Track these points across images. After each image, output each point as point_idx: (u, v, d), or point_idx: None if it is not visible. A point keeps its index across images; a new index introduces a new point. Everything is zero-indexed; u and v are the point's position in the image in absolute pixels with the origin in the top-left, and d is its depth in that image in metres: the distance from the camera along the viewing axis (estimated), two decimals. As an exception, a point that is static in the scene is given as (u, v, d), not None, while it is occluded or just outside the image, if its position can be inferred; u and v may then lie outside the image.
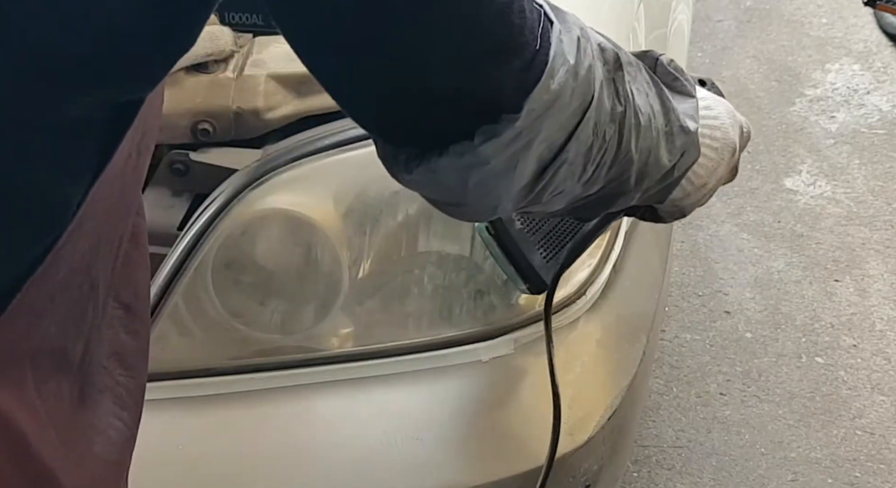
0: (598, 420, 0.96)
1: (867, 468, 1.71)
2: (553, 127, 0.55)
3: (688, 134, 0.67)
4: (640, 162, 0.64)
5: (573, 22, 0.57)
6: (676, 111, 0.67)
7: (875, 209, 2.26)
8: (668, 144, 0.66)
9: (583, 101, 0.56)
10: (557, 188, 0.59)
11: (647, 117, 0.63)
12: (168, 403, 0.92)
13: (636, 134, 0.62)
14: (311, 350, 0.94)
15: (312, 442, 0.93)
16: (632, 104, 0.61)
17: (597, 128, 0.58)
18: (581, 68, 0.55)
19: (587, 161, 0.59)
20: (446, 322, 0.95)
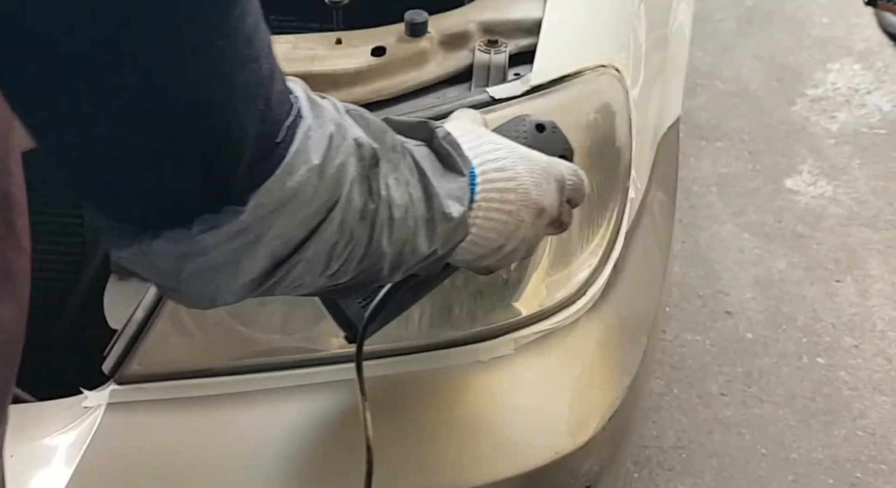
0: (598, 421, 0.96)
1: (868, 469, 1.71)
2: (290, 224, 0.52)
3: (450, 220, 0.65)
4: (394, 253, 0.62)
5: (330, 118, 0.54)
6: (439, 197, 0.65)
7: (876, 209, 2.26)
8: (428, 232, 0.64)
9: (328, 200, 0.54)
10: (294, 282, 0.56)
11: (403, 209, 0.61)
12: (168, 403, 0.92)
13: (389, 228, 0.60)
14: (311, 350, 0.94)
15: (312, 443, 0.92)
16: (386, 200, 0.59)
17: (343, 226, 0.56)
18: (329, 167, 0.53)
19: (330, 258, 0.57)
20: (446, 322, 0.95)
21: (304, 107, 0.53)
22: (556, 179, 0.76)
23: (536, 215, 0.74)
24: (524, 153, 0.75)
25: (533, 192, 0.73)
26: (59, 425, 0.93)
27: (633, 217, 1.08)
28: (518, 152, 0.74)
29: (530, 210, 0.73)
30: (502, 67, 1.01)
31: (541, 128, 0.82)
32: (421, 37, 1.02)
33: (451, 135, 0.69)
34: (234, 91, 0.47)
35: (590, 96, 1.01)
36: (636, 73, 1.11)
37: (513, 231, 0.73)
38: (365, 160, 0.57)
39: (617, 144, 1.04)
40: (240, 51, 0.47)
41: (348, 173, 0.55)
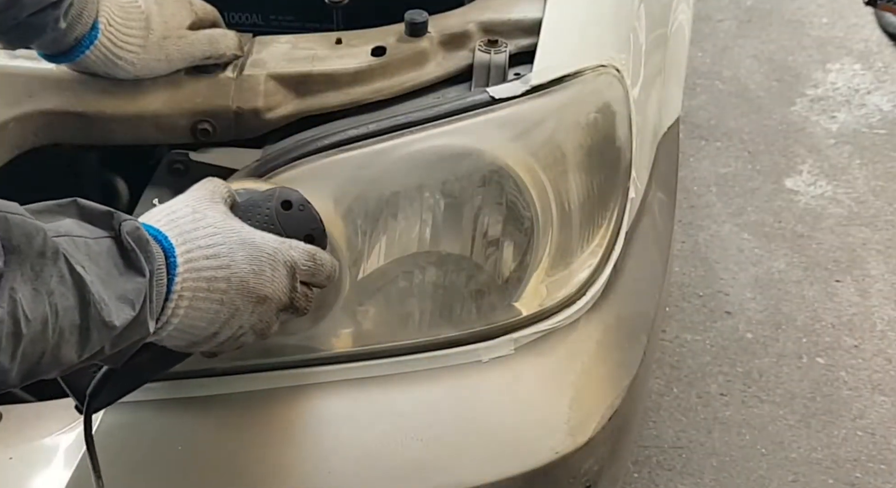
0: (598, 420, 0.96)
1: (868, 468, 1.71)
2: None
3: (111, 328, 0.63)
4: (25, 365, 0.59)
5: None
6: (100, 304, 0.62)
7: (876, 209, 2.26)
8: (80, 339, 0.62)
9: None
10: None
11: (39, 322, 0.58)
12: (168, 403, 0.92)
13: (13, 344, 0.57)
14: (311, 350, 0.94)
15: (312, 442, 0.92)
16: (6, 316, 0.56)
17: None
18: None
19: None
20: (446, 322, 0.95)
21: None
22: (287, 265, 0.74)
23: (256, 303, 0.72)
24: (246, 239, 0.73)
25: (251, 280, 0.71)
26: (59, 425, 0.93)
27: (633, 217, 1.08)
28: (238, 237, 0.72)
29: (246, 298, 0.72)
30: (502, 67, 1.01)
31: (287, 205, 0.80)
32: (421, 37, 1.02)
33: (140, 230, 0.67)
34: None
35: (590, 96, 1.01)
36: (636, 73, 1.11)
37: (227, 319, 0.71)
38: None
39: (617, 144, 1.04)
40: None
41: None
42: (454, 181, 0.94)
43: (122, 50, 0.95)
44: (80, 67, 0.97)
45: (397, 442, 0.92)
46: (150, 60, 0.96)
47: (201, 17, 1.02)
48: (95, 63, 0.95)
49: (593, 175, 1.00)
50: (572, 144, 0.99)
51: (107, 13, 0.94)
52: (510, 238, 0.96)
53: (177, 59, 0.98)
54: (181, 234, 0.70)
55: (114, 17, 0.94)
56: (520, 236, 0.96)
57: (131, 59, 0.96)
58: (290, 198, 0.81)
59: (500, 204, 0.95)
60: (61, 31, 0.90)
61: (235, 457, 0.92)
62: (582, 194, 0.99)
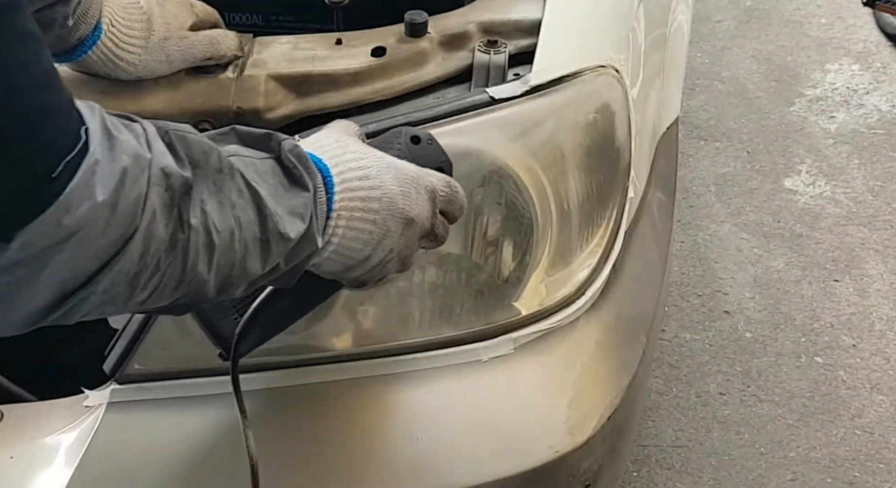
0: (597, 419, 0.96)
1: (866, 467, 1.71)
2: (76, 259, 0.51)
3: (287, 240, 0.64)
4: (219, 277, 0.61)
5: (126, 149, 0.53)
6: (276, 216, 0.63)
7: (874, 209, 2.26)
8: (262, 252, 0.63)
9: (123, 234, 0.52)
10: (93, 312, 0.55)
11: (227, 234, 0.60)
12: (168, 402, 0.93)
13: (208, 254, 0.59)
14: (311, 350, 0.94)
15: (312, 442, 0.93)
16: (201, 227, 0.58)
17: (145, 257, 0.54)
18: (122, 201, 0.51)
19: (134, 288, 0.55)
20: (446, 322, 0.95)
21: (95, 140, 0.51)
22: (427, 190, 0.75)
23: (405, 225, 0.73)
24: (391, 162, 0.74)
25: (400, 201, 0.72)
26: (60, 424, 0.93)
27: (633, 217, 1.08)
28: (384, 161, 0.73)
29: (397, 219, 0.72)
30: (502, 67, 1.01)
31: (416, 139, 0.81)
32: (421, 37, 1.02)
33: (299, 147, 0.68)
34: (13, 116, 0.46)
35: (589, 96, 1.02)
36: (635, 74, 1.11)
37: (379, 240, 0.72)
38: (173, 189, 0.55)
39: (616, 144, 1.04)
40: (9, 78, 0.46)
41: (149, 205, 0.53)
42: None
43: (124, 50, 0.95)
44: (82, 68, 0.97)
45: (397, 442, 0.92)
46: (151, 61, 0.97)
47: (202, 18, 1.02)
48: (97, 63, 0.96)
49: (592, 175, 1.00)
50: (571, 144, 0.99)
51: (110, 13, 0.94)
52: (510, 237, 0.96)
53: (178, 59, 0.98)
54: (332, 158, 0.71)
55: (116, 18, 0.94)
56: (519, 236, 0.96)
57: (132, 60, 0.96)
58: (417, 133, 0.82)
59: (500, 203, 0.95)
60: (67, 29, 0.91)
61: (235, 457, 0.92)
62: (581, 194, 0.99)
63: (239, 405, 0.78)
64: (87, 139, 0.51)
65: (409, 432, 0.92)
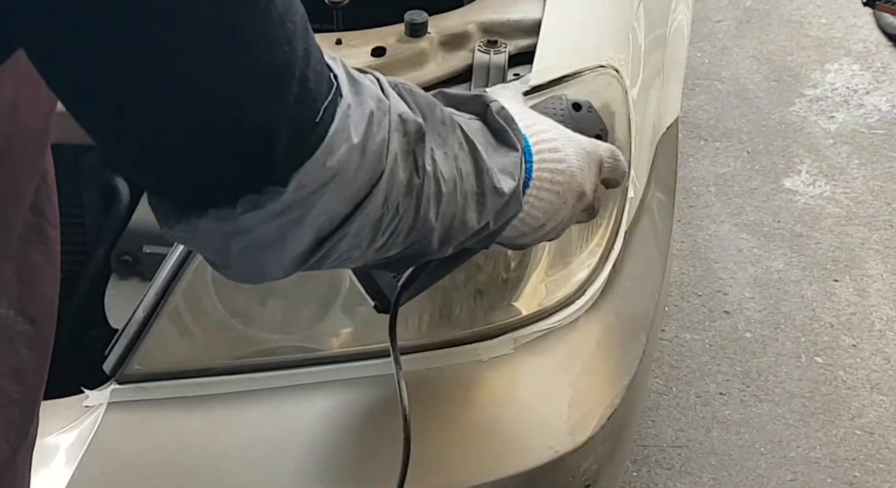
0: (597, 419, 0.96)
1: (866, 467, 1.71)
2: (334, 201, 0.53)
3: (501, 195, 0.65)
4: (443, 227, 0.62)
5: (370, 94, 0.54)
6: (491, 171, 0.64)
7: (874, 209, 2.26)
8: (478, 206, 0.64)
9: (371, 176, 0.54)
10: (342, 256, 0.57)
11: (451, 183, 0.61)
12: (169, 402, 0.93)
13: (436, 202, 0.60)
14: (311, 350, 0.94)
15: (312, 442, 0.93)
16: (431, 174, 0.59)
17: (388, 201, 0.56)
18: (371, 144, 0.53)
19: (377, 232, 0.57)
20: (446, 321, 0.95)
21: (344, 85, 0.53)
22: (597, 162, 0.77)
23: (578, 198, 0.75)
24: (571, 135, 0.76)
25: (578, 175, 0.74)
26: (60, 424, 0.93)
27: (633, 217, 1.08)
28: (567, 134, 0.75)
29: (574, 192, 0.74)
30: (502, 67, 1.01)
31: (577, 107, 0.82)
32: (421, 37, 1.02)
33: (506, 109, 0.69)
34: (267, 73, 0.47)
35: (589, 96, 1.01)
36: (635, 74, 1.11)
37: (556, 211, 0.73)
38: (409, 135, 0.57)
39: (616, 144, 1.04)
40: (271, 33, 0.47)
41: (391, 149, 0.55)
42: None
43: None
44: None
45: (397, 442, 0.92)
46: None
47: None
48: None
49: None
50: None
51: None
52: (510, 238, 0.96)
53: None
54: (526, 128, 0.72)
55: None
56: (519, 236, 0.96)
57: None
58: (578, 101, 0.83)
59: (500, 204, 0.95)
60: None
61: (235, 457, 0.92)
62: (581, 194, 0.99)
63: (394, 355, 0.80)
64: (338, 85, 0.53)
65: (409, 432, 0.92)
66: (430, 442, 0.92)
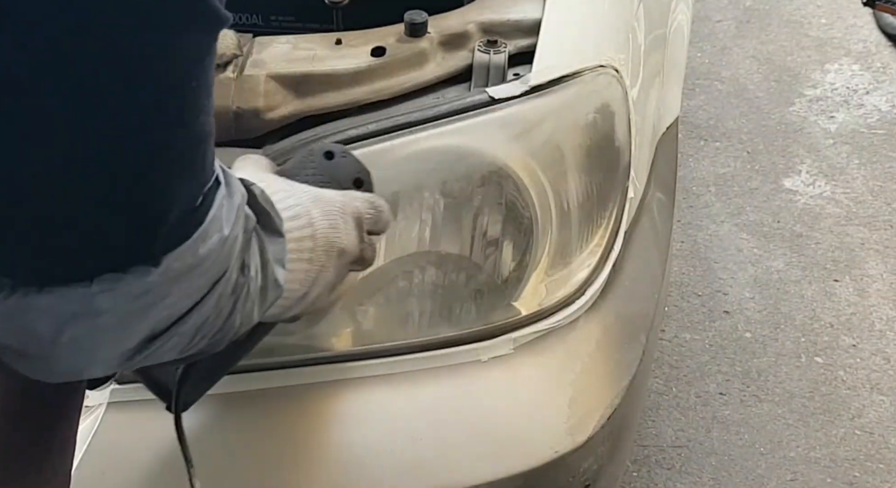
0: (597, 420, 0.96)
1: (866, 467, 1.71)
2: (184, 293, 0.49)
3: (278, 287, 0.62)
4: (238, 325, 0.59)
5: (237, 188, 0.52)
6: (270, 264, 0.61)
7: (874, 209, 2.26)
8: (261, 300, 0.61)
9: (218, 273, 0.51)
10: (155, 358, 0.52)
11: (255, 283, 0.58)
12: (168, 403, 0.93)
13: (244, 302, 0.57)
14: (311, 350, 0.94)
15: (312, 442, 0.93)
16: (251, 274, 0.57)
17: (220, 301, 0.53)
18: (229, 239, 0.51)
19: (196, 334, 0.53)
20: (446, 322, 0.95)
21: (219, 173, 0.50)
22: (354, 217, 0.74)
23: (337, 256, 0.72)
24: (316, 195, 0.72)
25: (331, 235, 0.71)
26: (60, 424, 0.93)
27: (633, 217, 1.08)
28: (310, 195, 0.72)
29: (330, 254, 0.71)
30: (502, 67, 1.01)
31: (329, 155, 0.80)
32: (421, 37, 1.02)
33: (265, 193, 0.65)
34: (190, 139, 0.45)
35: (589, 96, 1.02)
36: (635, 74, 1.11)
37: (315, 278, 0.70)
38: (248, 233, 0.55)
39: (616, 144, 1.04)
40: (202, 100, 0.45)
41: (237, 246, 0.53)
42: (454, 181, 0.94)
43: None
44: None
45: (397, 442, 0.92)
46: None
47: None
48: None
49: (592, 175, 1.00)
50: (571, 144, 0.99)
51: None
52: (509, 238, 0.96)
53: None
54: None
55: None
56: (519, 236, 0.96)
57: None
58: (330, 148, 0.81)
59: (500, 204, 0.95)
60: None
61: (235, 457, 0.92)
62: (581, 194, 0.99)
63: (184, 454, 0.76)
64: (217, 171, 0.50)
65: (409, 432, 0.92)
66: (430, 442, 0.92)
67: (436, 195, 0.94)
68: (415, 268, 0.95)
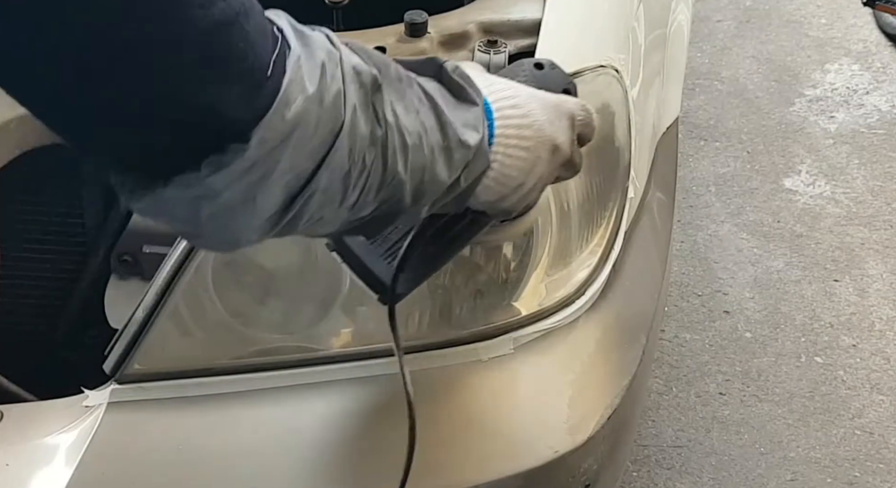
0: (597, 419, 0.96)
1: (866, 467, 1.71)
2: (298, 156, 0.52)
3: (467, 147, 0.65)
4: (414, 181, 0.62)
5: (319, 45, 0.54)
6: (454, 125, 0.64)
7: (874, 209, 2.26)
8: (446, 159, 0.64)
9: (332, 128, 0.53)
10: (314, 216, 0.56)
11: (416, 136, 0.61)
12: (169, 402, 0.93)
13: (403, 155, 0.60)
14: (311, 350, 0.94)
15: (312, 442, 0.93)
16: (395, 126, 0.59)
17: (352, 153, 0.55)
18: (327, 94, 0.53)
19: (347, 187, 0.56)
20: (446, 322, 0.95)
21: (291, 37, 0.53)
22: (567, 115, 0.76)
23: (552, 152, 0.74)
24: (534, 92, 0.75)
25: (547, 128, 0.73)
26: (59, 424, 0.93)
27: (633, 217, 1.08)
28: (528, 91, 0.75)
29: (546, 146, 0.73)
30: (502, 67, 1.01)
31: (539, 66, 0.82)
32: (421, 37, 1.02)
33: (460, 68, 0.69)
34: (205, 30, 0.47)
35: (589, 96, 1.01)
36: (635, 74, 1.11)
37: (531, 168, 0.73)
38: (366, 86, 0.56)
39: (616, 144, 1.04)
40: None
41: (349, 100, 0.55)
42: (454, 181, 0.94)
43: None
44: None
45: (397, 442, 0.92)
46: None
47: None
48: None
49: (592, 175, 1.01)
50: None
51: None
52: (510, 238, 0.96)
53: None
54: (483, 88, 0.71)
55: None
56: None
57: None
58: (539, 60, 0.83)
59: (500, 204, 0.95)
60: None
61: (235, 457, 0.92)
62: (581, 194, 0.99)
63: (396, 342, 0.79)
64: (284, 37, 0.52)
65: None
66: (431, 442, 0.92)
67: (436, 195, 0.94)
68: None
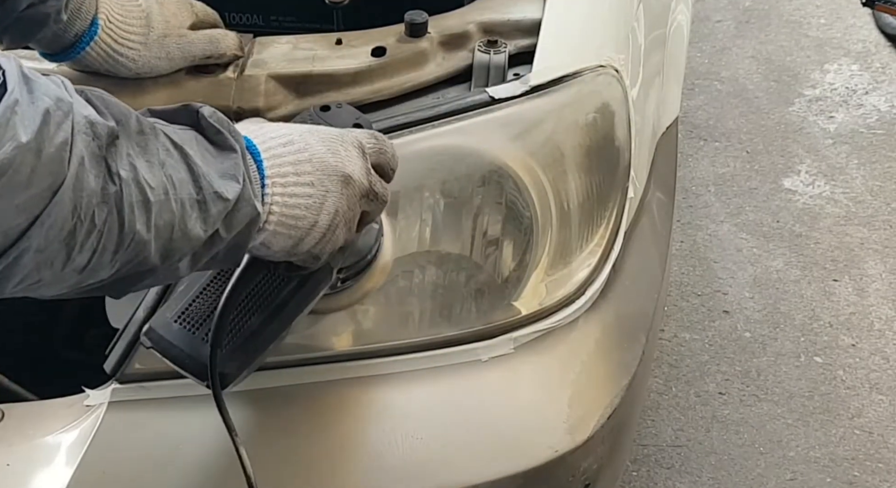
0: (597, 419, 0.96)
1: (866, 467, 1.71)
2: (5, 210, 0.49)
3: (225, 200, 0.61)
4: (161, 240, 0.58)
5: (46, 93, 0.51)
6: (208, 176, 0.61)
7: (873, 209, 2.27)
8: (200, 214, 0.60)
9: (52, 183, 0.50)
10: (29, 277, 0.53)
11: (161, 191, 0.58)
12: (168, 403, 0.93)
13: (145, 212, 0.57)
14: (311, 349, 0.94)
15: (312, 442, 0.93)
16: (132, 182, 0.56)
17: (78, 211, 0.52)
18: (48, 145, 0.50)
19: (71, 248, 0.53)
20: (446, 322, 0.95)
21: (13, 81, 0.51)
22: (353, 145, 0.73)
23: (343, 183, 0.71)
24: (311, 128, 0.72)
25: (330, 159, 0.70)
26: (61, 423, 0.93)
27: (632, 217, 1.08)
28: (305, 128, 0.72)
29: (333, 178, 0.70)
30: (502, 67, 1.01)
31: (325, 108, 0.80)
32: (421, 37, 1.02)
33: (217, 112, 0.66)
34: None
35: (589, 96, 1.02)
36: (635, 74, 1.12)
37: (321, 204, 0.69)
38: (100, 138, 0.54)
39: (616, 144, 1.04)
40: None
41: (75, 153, 0.52)
42: (454, 181, 0.95)
43: (123, 46, 0.95)
44: (81, 66, 0.98)
45: (397, 442, 0.92)
46: (150, 58, 0.97)
47: (202, 18, 1.02)
48: (96, 60, 0.96)
49: (592, 175, 1.01)
50: (571, 144, 0.99)
51: (106, 10, 0.94)
52: (510, 237, 0.96)
53: (178, 57, 0.98)
54: (251, 132, 0.70)
55: (113, 14, 0.95)
56: (519, 235, 0.97)
57: (132, 56, 0.96)
58: (325, 103, 0.82)
59: (500, 203, 0.95)
60: (62, 24, 0.91)
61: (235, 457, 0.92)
62: (581, 194, 1.00)
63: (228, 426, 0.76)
64: (3, 80, 0.50)
65: (409, 432, 0.92)
66: (430, 442, 0.92)
67: (436, 195, 0.94)
68: (415, 267, 0.95)
